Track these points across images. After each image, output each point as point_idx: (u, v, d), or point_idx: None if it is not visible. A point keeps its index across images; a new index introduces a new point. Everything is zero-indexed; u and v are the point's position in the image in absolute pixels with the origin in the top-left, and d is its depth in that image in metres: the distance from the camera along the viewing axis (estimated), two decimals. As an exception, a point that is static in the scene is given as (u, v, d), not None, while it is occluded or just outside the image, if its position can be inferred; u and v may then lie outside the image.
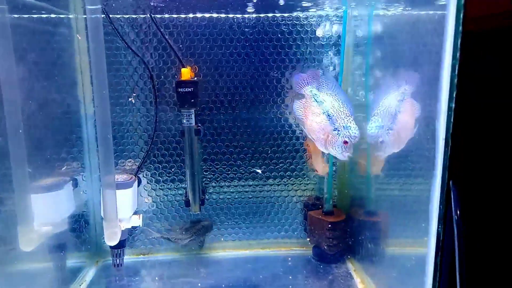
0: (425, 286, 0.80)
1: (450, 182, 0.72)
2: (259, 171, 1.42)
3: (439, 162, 0.72)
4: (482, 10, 0.75)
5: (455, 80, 0.68)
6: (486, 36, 0.80)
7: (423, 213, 0.81)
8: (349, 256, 1.40)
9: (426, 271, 0.79)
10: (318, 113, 1.06)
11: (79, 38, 1.28)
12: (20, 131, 0.94)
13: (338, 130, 1.02)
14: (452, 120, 0.70)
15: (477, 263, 0.78)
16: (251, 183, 1.45)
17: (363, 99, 1.24)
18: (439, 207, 0.74)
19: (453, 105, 0.69)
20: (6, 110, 0.91)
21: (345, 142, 1.01)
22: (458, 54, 0.67)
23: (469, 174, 0.73)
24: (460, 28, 0.67)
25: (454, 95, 0.68)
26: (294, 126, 1.42)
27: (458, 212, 0.72)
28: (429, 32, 0.80)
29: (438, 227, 0.75)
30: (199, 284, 1.26)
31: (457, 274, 0.70)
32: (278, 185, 1.46)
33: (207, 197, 1.45)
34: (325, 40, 1.37)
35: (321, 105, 1.06)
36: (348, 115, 1.03)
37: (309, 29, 1.36)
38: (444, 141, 0.71)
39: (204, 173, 1.44)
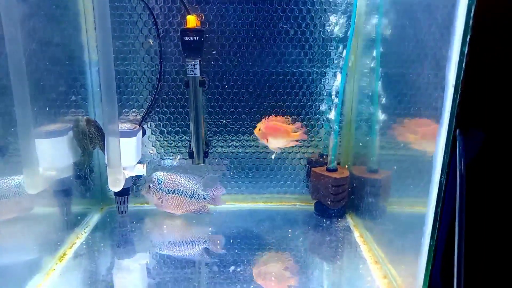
0: (423, 236, 0.80)
1: (457, 131, 0.70)
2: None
3: (447, 109, 0.70)
4: None
5: (470, 22, 0.64)
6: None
7: (427, 167, 0.79)
8: (349, 212, 1.42)
9: (426, 221, 0.79)
10: None
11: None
12: (23, 71, 0.93)
13: None
14: (463, 65, 0.67)
15: (479, 217, 0.77)
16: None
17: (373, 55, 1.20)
18: (443, 156, 0.72)
19: (466, 50, 0.65)
20: (7, 47, 0.89)
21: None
22: (475, -6, 0.63)
23: (478, 124, 0.70)
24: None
25: (468, 39, 0.65)
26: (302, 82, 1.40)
27: (463, 163, 0.70)
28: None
29: (441, 177, 0.74)
30: (202, 233, 1.29)
31: (456, 227, 0.69)
32: (283, 140, 1.45)
33: (211, 150, 1.45)
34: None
35: None
36: None
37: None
38: (453, 87, 0.68)
39: (209, 126, 1.43)
